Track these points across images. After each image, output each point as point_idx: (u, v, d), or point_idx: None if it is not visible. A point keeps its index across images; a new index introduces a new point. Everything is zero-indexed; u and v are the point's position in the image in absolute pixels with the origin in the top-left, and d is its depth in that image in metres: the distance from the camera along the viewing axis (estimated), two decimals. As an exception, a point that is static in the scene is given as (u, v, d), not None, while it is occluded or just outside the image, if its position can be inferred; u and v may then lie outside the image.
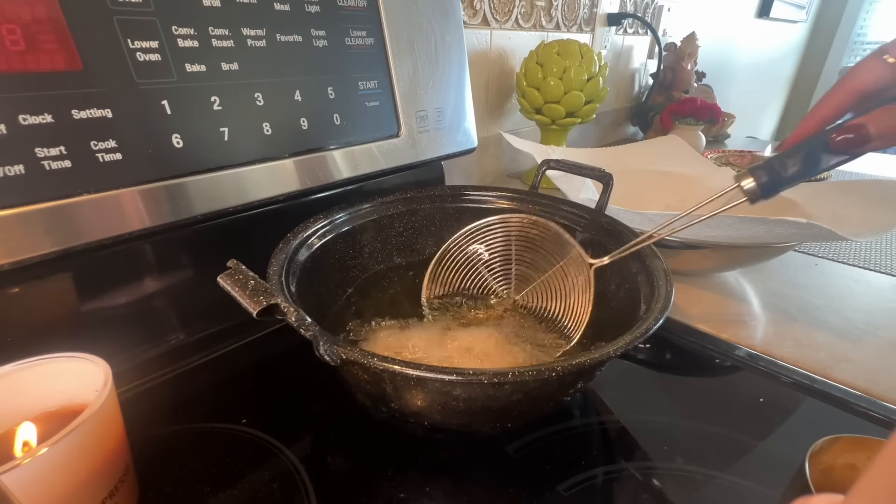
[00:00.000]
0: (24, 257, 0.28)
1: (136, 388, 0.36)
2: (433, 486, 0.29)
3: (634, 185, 0.59)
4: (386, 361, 0.24)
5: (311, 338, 0.25)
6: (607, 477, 0.30)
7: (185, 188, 0.33)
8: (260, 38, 0.36)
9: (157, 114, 0.32)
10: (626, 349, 0.26)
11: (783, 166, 0.28)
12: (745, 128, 1.81)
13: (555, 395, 0.30)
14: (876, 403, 0.36)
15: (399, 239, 0.47)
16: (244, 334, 0.42)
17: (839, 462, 0.24)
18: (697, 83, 1.22)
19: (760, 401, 0.36)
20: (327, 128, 0.41)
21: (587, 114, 0.79)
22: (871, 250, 0.62)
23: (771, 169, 0.29)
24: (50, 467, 0.21)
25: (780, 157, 0.29)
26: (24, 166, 0.27)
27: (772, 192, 0.29)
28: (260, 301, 0.25)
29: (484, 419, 0.29)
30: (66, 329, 0.34)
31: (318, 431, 0.33)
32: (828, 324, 0.46)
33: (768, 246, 0.46)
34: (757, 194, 0.29)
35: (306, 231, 0.38)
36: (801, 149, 0.28)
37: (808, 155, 0.28)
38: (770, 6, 1.68)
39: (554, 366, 0.23)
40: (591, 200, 0.44)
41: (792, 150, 0.29)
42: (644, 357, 0.42)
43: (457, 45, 0.52)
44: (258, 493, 0.28)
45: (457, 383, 0.24)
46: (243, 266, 0.27)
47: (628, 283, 0.36)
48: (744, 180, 0.29)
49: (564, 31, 0.93)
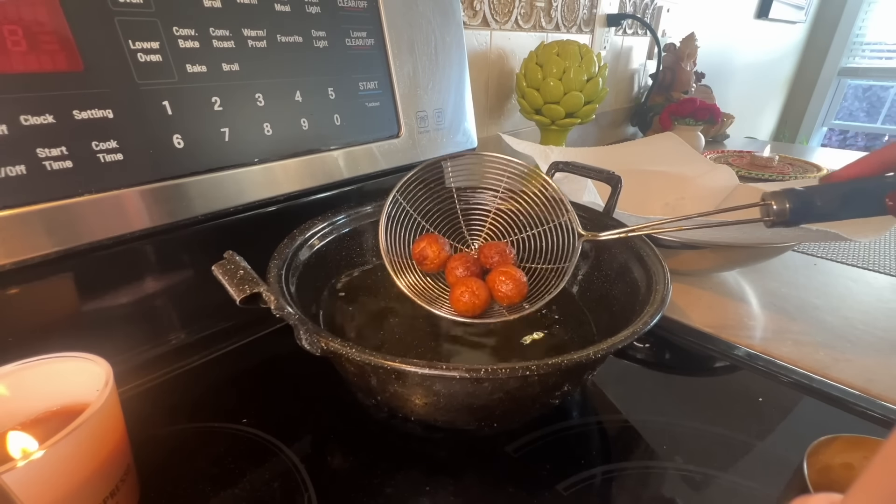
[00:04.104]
0: (26, 257, 0.28)
1: (137, 387, 0.36)
2: (433, 485, 0.29)
3: (633, 184, 0.59)
4: (364, 353, 0.24)
5: (293, 326, 0.25)
6: (607, 476, 0.30)
7: (186, 188, 0.34)
8: (261, 39, 0.36)
9: (157, 114, 0.32)
10: (608, 353, 0.25)
11: (821, 199, 0.26)
12: (744, 128, 1.82)
13: (540, 395, 0.29)
14: (874, 403, 0.36)
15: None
16: (244, 334, 0.42)
17: (837, 461, 0.24)
18: (696, 84, 1.22)
19: (759, 400, 0.37)
20: (328, 128, 0.41)
21: (587, 114, 0.79)
22: (870, 250, 0.62)
23: (806, 198, 0.26)
24: (51, 467, 0.21)
25: (820, 189, 0.26)
26: (25, 166, 0.27)
27: (799, 221, 0.27)
28: (244, 289, 0.25)
29: (467, 416, 0.29)
30: (67, 329, 0.34)
31: (318, 431, 0.33)
32: (826, 323, 0.46)
33: (768, 246, 0.46)
34: (785, 218, 0.27)
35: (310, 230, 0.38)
36: (845, 188, 0.26)
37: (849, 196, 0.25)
38: (769, 7, 1.69)
39: (529, 365, 0.23)
40: (592, 203, 0.44)
41: (834, 186, 0.26)
42: (643, 357, 0.43)
43: (457, 46, 0.52)
44: (259, 493, 0.28)
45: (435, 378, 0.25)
46: (238, 257, 0.27)
47: (629, 288, 0.36)
48: (775, 201, 0.27)
49: (564, 31, 0.93)
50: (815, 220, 0.27)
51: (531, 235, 0.40)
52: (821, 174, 0.89)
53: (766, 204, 0.27)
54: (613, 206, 0.42)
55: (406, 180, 0.38)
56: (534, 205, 0.40)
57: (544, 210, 0.39)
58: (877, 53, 2.38)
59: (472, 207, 0.44)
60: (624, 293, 0.37)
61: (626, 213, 0.43)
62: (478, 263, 0.38)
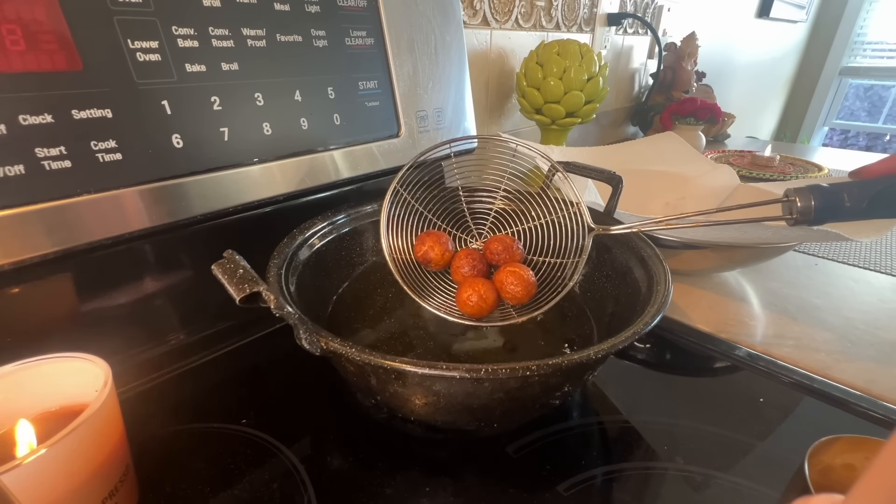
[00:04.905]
0: (25, 257, 0.28)
1: (137, 388, 0.36)
2: (433, 486, 0.29)
3: (633, 183, 0.59)
4: (364, 353, 0.24)
5: (293, 325, 0.25)
6: (607, 477, 0.30)
7: (185, 188, 0.33)
8: (260, 38, 0.36)
9: (157, 114, 0.32)
10: (609, 353, 0.25)
11: (849, 196, 0.24)
12: (745, 128, 1.81)
13: (540, 396, 0.29)
14: (875, 403, 0.36)
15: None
16: (244, 334, 0.42)
17: (838, 462, 0.24)
18: (697, 83, 1.22)
19: (760, 401, 0.36)
20: (327, 128, 0.41)
21: (587, 114, 0.79)
22: (871, 250, 0.62)
23: (833, 196, 0.24)
24: (50, 467, 0.21)
25: (847, 186, 0.24)
26: (24, 166, 0.27)
27: (824, 220, 0.25)
28: (244, 288, 0.25)
29: (467, 417, 0.29)
30: (66, 329, 0.34)
31: (317, 431, 0.33)
32: (828, 324, 0.46)
33: (769, 246, 0.46)
34: (809, 217, 0.25)
35: (310, 229, 0.38)
36: (876, 185, 0.24)
37: (881, 194, 0.24)
38: (770, 6, 1.68)
39: (529, 365, 0.23)
40: (593, 203, 0.44)
41: (864, 184, 0.24)
42: (644, 357, 0.42)
43: (457, 45, 0.52)
44: (258, 493, 0.28)
45: (435, 378, 0.25)
46: (237, 256, 0.27)
47: (630, 288, 0.36)
48: (799, 198, 0.25)
49: (564, 31, 0.93)
50: (842, 220, 0.25)
51: (538, 226, 0.40)
52: (822, 174, 0.89)
53: (790, 201, 0.26)
54: (614, 207, 0.42)
55: (407, 169, 0.38)
56: (541, 194, 0.40)
57: (551, 201, 0.39)
58: (878, 53, 2.38)
59: (476, 198, 0.43)
60: (625, 293, 0.37)
61: (628, 214, 0.43)
62: (484, 260, 0.38)
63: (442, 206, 0.41)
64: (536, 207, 0.40)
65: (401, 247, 0.38)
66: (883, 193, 0.24)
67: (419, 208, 0.40)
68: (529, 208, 0.41)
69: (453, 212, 0.42)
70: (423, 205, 0.40)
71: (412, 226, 0.39)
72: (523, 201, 0.41)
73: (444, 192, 0.42)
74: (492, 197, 0.43)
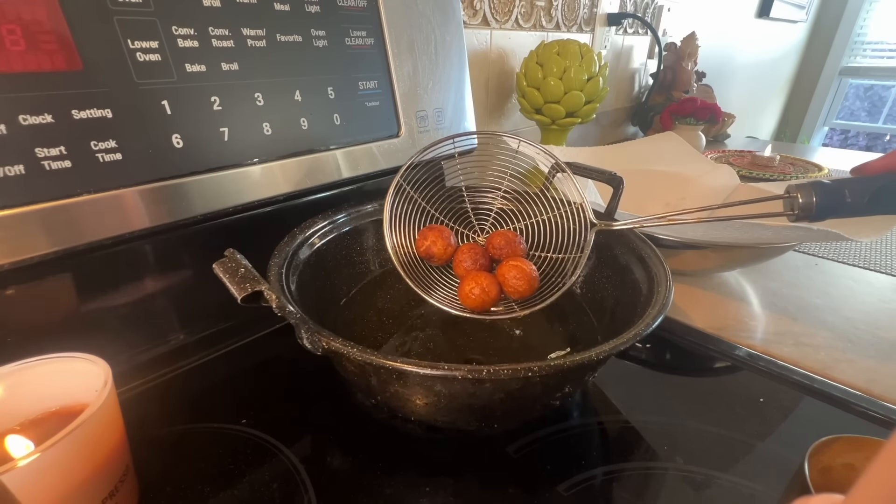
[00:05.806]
0: (24, 257, 0.28)
1: (137, 388, 0.36)
2: (433, 486, 0.29)
3: (633, 183, 0.59)
4: (365, 353, 0.24)
5: (294, 325, 0.25)
6: (607, 477, 0.30)
7: (185, 188, 0.33)
8: (260, 39, 0.36)
9: (157, 114, 0.32)
10: (611, 354, 0.25)
11: (850, 192, 0.24)
12: (745, 128, 1.81)
13: (541, 396, 0.29)
14: (875, 403, 0.36)
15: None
16: (244, 334, 0.42)
17: (838, 462, 0.24)
18: (697, 83, 1.22)
19: (760, 401, 0.36)
20: (327, 128, 0.41)
21: (587, 114, 0.79)
22: (871, 250, 0.62)
23: (835, 192, 0.24)
24: (50, 467, 0.21)
25: (849, 182, 0.25)
26: (24, 166, 0.27)
27: (826, 216, 0.25)
28: (246, 288, 0.25)
29: (468, 417, 0.29)
30: (66, 329, 0.34)
31: (317, 431, 0.33)
32: (828, 324, 0.46)
33: (769, 246, 0.46)
34: (811, 213, 0.25)
35: (310, 228, 0.38)
36: (877, 182, 0.24)
37: (883, 190, 0.24)
38: (770, 6, 1.68)
39: (531, 366, 0.23)
40: (594, 204, 0.44)
41: (866, 180, 0.24)
42: (644, 357, 0.42)
43: (457, 45, 0.52)
44: (258, 493, 0.28)
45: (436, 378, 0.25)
46: (238, 255, 0.27)
47: (631, 289, 0.36)
48: (801, 194, 0.25)
49: (564, 31, 0.93)
50: (843, 216, 0.25)
51: (540, 222, 0.40)
52: (822, 174, 0.89)
53: (792, 197, 0.26)
54: (615, 208, 0.41)
55: (409, 165, 0.38)
56: (544, 190, 0.40)
57: (553, 200, 0.39)
58: (878, 53, 2.37)
59: (479, 197, 0.43)
60: (625, 294, 0.37)
61: (628, 214, 0.43)
62: (486, 254, 0.38)
63: (444, 202, 0.42)
64: (538, 205, 0.40)
65: (403, 242, 0.38)
66: (884, 190, 0.24)
67: (423, 203, 0.40)
68: (531, 206, 0.41)
69: (456, 209, 0.42)
70: (426, 200, 0.40)
71: (415, 221, 0.39)
72: (524, 200, 0.42)
73: (446, 189, 0.42)
74: (493, 195, 0.43)
